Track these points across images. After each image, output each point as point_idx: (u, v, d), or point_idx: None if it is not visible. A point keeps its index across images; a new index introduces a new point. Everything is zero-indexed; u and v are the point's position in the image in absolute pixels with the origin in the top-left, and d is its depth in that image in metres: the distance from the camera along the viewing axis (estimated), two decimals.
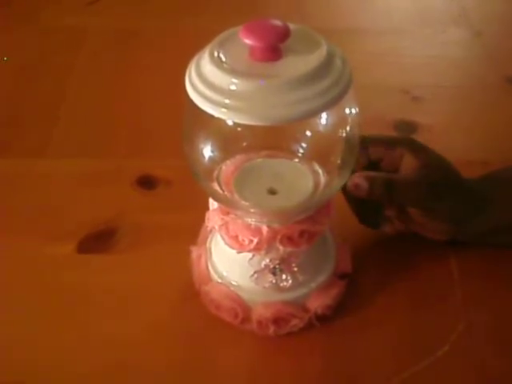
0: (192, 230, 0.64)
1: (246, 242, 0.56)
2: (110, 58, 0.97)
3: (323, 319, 0.60)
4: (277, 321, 0.58)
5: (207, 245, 0.63)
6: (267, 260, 0.57)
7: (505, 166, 0.67)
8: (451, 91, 0.90)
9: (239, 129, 0.53)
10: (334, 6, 1.08)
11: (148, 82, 0.91)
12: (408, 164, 0.63)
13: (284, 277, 0.58)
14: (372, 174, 0.62)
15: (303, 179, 0.58)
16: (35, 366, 0.59)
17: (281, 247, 0.56)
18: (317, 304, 0.59)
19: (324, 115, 0.55)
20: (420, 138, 0.80)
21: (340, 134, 0.56)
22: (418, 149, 0.64)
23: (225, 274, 0.60)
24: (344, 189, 0.61)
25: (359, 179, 0.61)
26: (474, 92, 0.90)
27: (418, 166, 0.62)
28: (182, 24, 1.02)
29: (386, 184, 0.61)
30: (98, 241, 0.69)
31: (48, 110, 0.87)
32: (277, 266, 0.57)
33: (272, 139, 0.58)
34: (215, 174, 0.57)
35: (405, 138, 0.67)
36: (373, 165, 0.63)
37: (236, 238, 0.57)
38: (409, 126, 0.83)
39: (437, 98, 0.88)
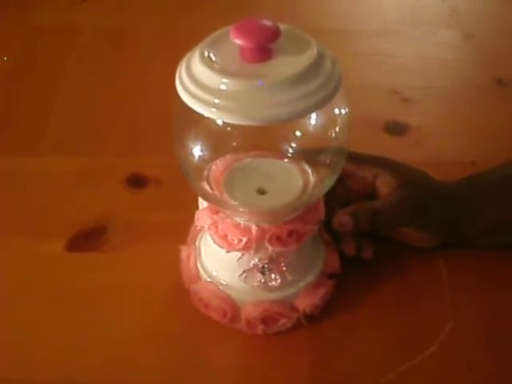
0: (181, 229, 0.64)
1: (235, 241, 0.56)
2: (102, 56, 0.97)
3: (311, 319, 0.60)
4: (265, 320, 0.59)
5: (196, 244, 0.63)
6: (256, 259, 0.57)
7: (489, 168, 0.68)
8: (442, 92, 0.90)
9: (229, 128, 0.53)
10: (325, 6, 1.08)
11: (139, 81, 0.91)
12: (385, 184, 0.63)
13: (273, 276, 0.58)
14: (355, 207, 0.62)
15: (293, 179, 0.58)
16: (28, 363, 0.59)
17: (270, 247, 0.56)
18: (305, 303, 0.59)
19: (314, 115, 0.55)
20: (410, 139, 0.82)
21: (330, 135, 0.56)
22: (392, 167, 0.64)
23: (214, 273, 0.61)
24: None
25: (343, 216, 0.61)
26: (465, 93, 0.90)
27: (395, 185, 0.63)
28: (174, 23, 1.02)
29: (371, 215, 0.62)
30: (88, 239, 0.69)
31: (39, 109, 0.87)
32: (265, 266, 0.57)
33: (262, 139, 0.58)
34: (205, 173, 0.58)
35: (377, 157, 0.66)
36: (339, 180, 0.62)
37: (225, 237, 0.57)
38: (399, 127, 0.83)
39: (427, 100, 0.88)
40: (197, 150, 0.56)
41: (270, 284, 0.58)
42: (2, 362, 0.59)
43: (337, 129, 0.55)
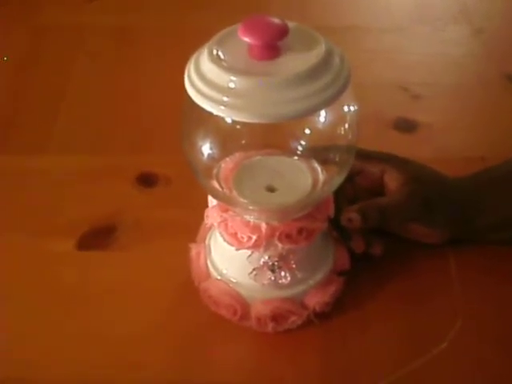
0: (191, 227, 0.65)
1: (245, 239, 0.56)
2: (109, 55, 0.97)
3: (321, 316, 0.60)
4: (275, 317, 0.59)
5: (206, 242, 0.63)
6: (266, 257, 0.57)
7: (497, 164, 0.68)
8: (451, 89, 0.90)
9: (238, 126, 0.53)
10: (334, 3, 1.08)
11: (148, 79, 0.91)
12: (392, 180, 0.63)
13: (282, 274, 0.58)
14: (363, 204, 0.62)
15: (302, 177, 0.58)
16: (35, 362, 0.59)
17: (279, 244, 0.56)
18: (315, 301, 0.59)
19: (323, 113, 0.55)
20: (419, 135, 0.82)
21: (339, 132, 0.56)
22: (400, 163, 0.64)
23: (224, 270, 0.61)
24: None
25: (351, 213, 0.61)
26: (474, 90, 0.90)
27: (403, 181, 0.63)
28: (182, 21, 1.02)
29: (379, 211, 0.62)
30: (98, 238, 0.69)
31: (48, 107, 0.87)
32: (275, 263, 0.57)
33: (271, 137, 0.58)
34: (214, 171, 0.58)
35: (385, 153, 0.66)
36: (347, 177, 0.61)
37: (235, 235, 0.57)
38: (408, 124, 0.83)
39: (436, 96, 0.88)
40: (206, 149, 0.56)
41: (279, 282, 0.58)
42: (9, 360, 0.60)
43: (346, 126, 0.55)
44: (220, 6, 1.05)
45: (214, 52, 0.50)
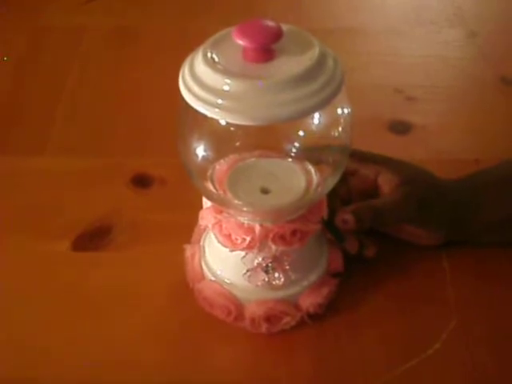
0: (186, 229, 0.65)
1: (239, 240, 0.56)
2: (107, 57, 0.97)
3: (315, 317, 0.60)
4: (269, 318, 0.59)
5: (201, 243, 0.63)
6: (260, 258, 0.57)
7: (491, 165, 0.68)
8: (446, 91, 0.90)
9: (232, 128, 0.53)
10: (330, 5, 1.08)
11: (144, 81, 0.91)
12: (387, 182, 0.63)
13: (276, 275, 0.58)
14: (357, 206, 0.61)
15: (296, 178, 0.58)
16: (31, 362, 0.59)
17: (273, 246, 0.56)
18: (309, 302, 0.60)
19: (316, 115, 0.55)
20: (414, 137, 0.82)
21: (332, 134, 0.56)
22: (394, 165, 0.65)
23: (218, 272, 0.61)
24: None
25: (346, 214, 0.61)
26: (469, 92, 0.90)
27: (398, 183, 0.63)
28: (180, 24, 1.02)
29: (373, 212, 0.61)
30: (93, 239, 0.69)
31: (45, 108, 0.87)
32: (269, 265, 0.58)
33: (265, 139, 0.59)
34: (209, 173, 0.58)
35: (379, 155, 0.66)
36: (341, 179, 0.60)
37: (229, 236, 0.57)
38: (403, 126, 0.83)
39: (431, 98, 0.88)
40: (200, 150, 0.56)
41: (273, 283, 0.59)
42: (4, 360, 0.60)
43: (339, 128, 0.56)
44: (219, 8, 1.05)
45: (209, 55, 0.50)
